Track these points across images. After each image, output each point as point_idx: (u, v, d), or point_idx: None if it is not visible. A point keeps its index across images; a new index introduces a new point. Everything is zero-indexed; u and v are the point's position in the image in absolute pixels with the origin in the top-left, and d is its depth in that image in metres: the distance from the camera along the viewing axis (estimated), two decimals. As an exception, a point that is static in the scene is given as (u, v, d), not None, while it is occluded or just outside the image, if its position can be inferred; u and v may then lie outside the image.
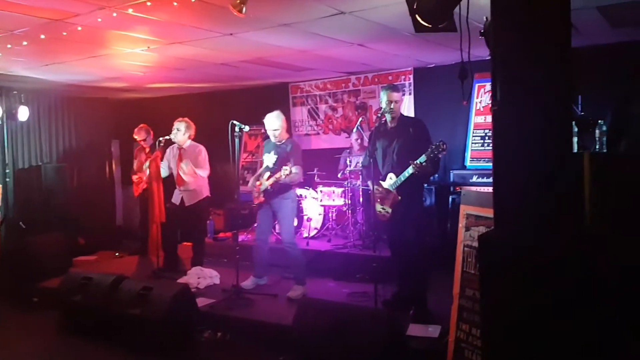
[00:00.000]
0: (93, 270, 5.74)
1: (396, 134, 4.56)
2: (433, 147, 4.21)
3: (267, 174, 5.23)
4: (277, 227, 6.05)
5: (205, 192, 6.19)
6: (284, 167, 4.90)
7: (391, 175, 4.50)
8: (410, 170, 4.30)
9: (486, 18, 2.70)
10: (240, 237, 6.31)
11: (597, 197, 3.56)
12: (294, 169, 4.96)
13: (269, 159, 5.28)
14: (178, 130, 6.04)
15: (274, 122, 5.24)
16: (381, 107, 4.60)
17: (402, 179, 4.38)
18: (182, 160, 6.02)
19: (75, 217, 8.09)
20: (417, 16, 2.66)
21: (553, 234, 2.33)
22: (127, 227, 9.51)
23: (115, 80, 7.52)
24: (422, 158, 4.22)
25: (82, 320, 4.86)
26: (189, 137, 6.13)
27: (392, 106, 4.50)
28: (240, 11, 3.47)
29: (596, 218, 3.40)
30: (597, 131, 3.92)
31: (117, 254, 7.55)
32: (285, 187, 5.20)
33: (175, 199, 6.17)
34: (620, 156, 5.19)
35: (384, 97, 4.52)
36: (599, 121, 4.04)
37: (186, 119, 6.16)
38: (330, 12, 4.27)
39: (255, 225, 5.67)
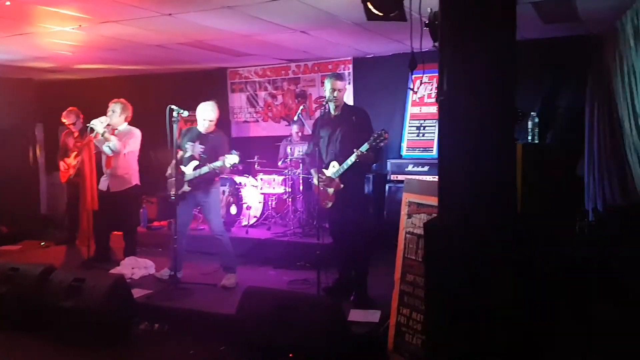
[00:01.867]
0: (18, 260, 5.42)
1: (339, 123, 4.58)
2: (375, 135, 4.28)
3: (194, 163, 5.06)
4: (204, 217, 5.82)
5: (135, 180, 5.88)
6: (226, 157, 4.76)
7: (334, 163, 4.52)
8: (353, 158, 4.34)
9: (431, 9, 2.76)
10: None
11: (527, 185, 3.75)
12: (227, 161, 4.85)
13: (194, 148, 5.09)
14: (113, 112, 5.69)
15: (209, 112, 5.05)
16: (324, 96, 4.60)
17: (345, 167, 4.42)
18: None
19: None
20: (369, 4, 2.66)
21: (491, 222, 2.41)
22: (52, 215, 9.04)
23: (40, 60, 7.10)
24: (365, 146, 4.27)
25: (9, 314, 4.56)
26: (125, 120, 5.82)
27: (335, 94, 4.50)
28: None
29: (526, 205, 3.58)
30: (529, 122, 4.13)
31: (42, 243, 7.15)
32: (210, 179, 5.06)
33: (102, 185, 5.86)
34: (549, 147, 5.49)
35: (327, 85, 4.52)
36: (531, 113, 4.25)
37: (122, 100, 5.84)
38: (275, -5, 4.22)
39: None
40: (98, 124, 5.44)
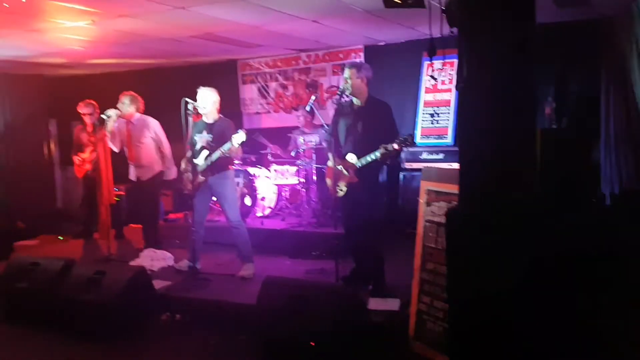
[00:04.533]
0: (36, 255, 5.47)
1: (362, 115, 4.47)
2: (402, 139, 4.16)
3: (205, 152, 5.07)
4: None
5: (157, 166, 6.02)
6: (233, 137, 4.79)
7: (351, 155, 4.43)
8: (377, 153, 4.23)
9: (447, -5, 2.74)
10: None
11: (546, 169, 3.74)
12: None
13: (202, 138, 5.11)
14: (123, 103, 5.86)
15: (210, 95, 5.04)
16: (336, 85, 4.54)
17: (364, 162, 4.33)
18: (131, 135, 5.87)
19: (14, 200, 7.69)
20: (387, -8, 2.65)
21: (512, 209, 2.40)
22: (67, 209, 9.13)
23: (53, 56, 7.13)
24: (393, 146, 4.16)
25: (29, 308, 4.62)
26: (137, 110, 5.94)
27: (349, 83, 4.43)
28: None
29: (545, 189, 3.56)
30: (547, 108, 4.11)
31: (60, 237, 7.23)
32: (223, 167, 5.09)
33: (132, 175, 6.03)
34: (566, 132, 5.46)
35: (347, 74, 4.45)
36: (548, 98, 4.24)
37: (131, 92, 5.97)
38: (288, -14, 4.20)
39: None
40: (112, 112, 5.64)
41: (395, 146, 4.18)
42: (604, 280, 3.73)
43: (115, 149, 5.98)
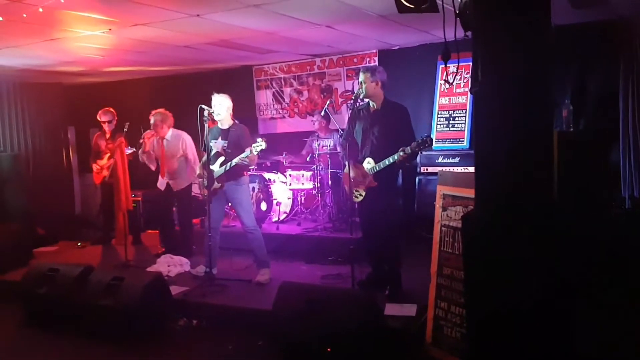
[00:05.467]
0: (56, 261, 5.55)
1: (379, 119, 4.47)
2: (420, 140, 4.14)
3: (221, 159, 5.11)
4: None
5: (191, 177, 6.12)
6: (253, 146, 4.82)
7: (369, 159, 4.44)
8: (395, 157, 4.22)
9: (461, -1, 2.72)
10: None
11: (564, 172, 3.69)
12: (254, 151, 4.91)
13: (217, 144, 5.15)
14: (156, 124, 5.94)
15: (224, 101, 5.09)
16: (350, 90, 4.56)
17: (382, 165, 4.33)
18: (165, 151, 5.97)
19: (33, 207, 7.79)
20: (400, -3, 2.65)
21: (528, 213, 2.37)
22: (86, 215, 9.23)
23: (70, 65, 7.22)
24: (409, 149, 4.15)
25: (49, 314, 4.68)
26: (169, 127, 6.03)
27: (364, 86, 4.43)
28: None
29: (562, 193, 3.52)
30: (564, 110, 4.06)
31: (79, 243, 7.32)
32: (238, 173, 5.12)
33: (160, 184, 6.11)
34: (583, 134, 5.40)
35: (361, 78, 4.45)
36: (565, 100, 4.19)
37: (161, 109, 6.05)
38: (302, -8, 4.21)
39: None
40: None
41: (410, 150, 4.16)
42: (624, 286, 3.68)
43: (152, 168, 6.09)
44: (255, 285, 5.07)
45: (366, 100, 4.55)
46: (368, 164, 4.46)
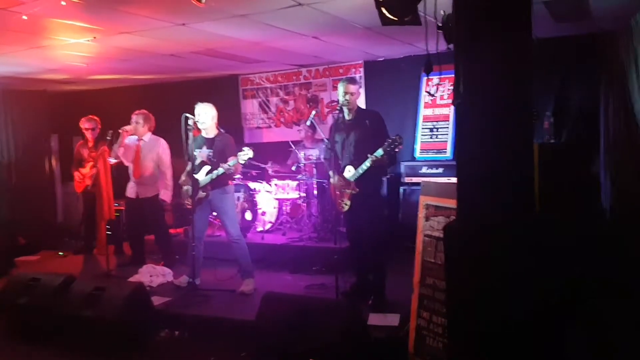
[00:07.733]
0: (37, 270, 5.48)
1: (353, 127, 4.60)
2: (389, 141, 4.29)
3: (206, 168, 5.10)
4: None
5: (159, 185, 6.05)
6: (239, 155, 4.82)
7: (349, 168, 4.55)
8: (368, 163, 4.37)
9: (444, 12, 2.76)
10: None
11: (545, 184, 3.73)
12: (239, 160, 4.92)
13: (202, 153, 5.15)
14: (137, 123, 5.93)
15: (208, 110, 5.10)
16: (337, 100, 4.62)
17: (360, 171, 4.44)
18: (140, 153, 5.92)
19: (15, 216, 7.69)
20: (383, 9, 2.68)
21: (509, 224, 2.40)
22: (68, 224, 9.12)
23: (55, 72, 7.18)
24: (380, 152, 4.29)
25: (30, 324, 4.61)
26: (149, 130, 6.01)
27: (347, 98, 4.52)
28: (199, 0, 3.38)
29: (544, 204, 3.55)
30: (545, 122, 4.12)
31: (60, 253, 7.23)
32: (223, 182, 5.11)
33: (130, 192, 6.06)
34: (564, 146, 5.46)
35: (340, 89, 4.54)
36: (546, 113, 4.25)
37: (144, 111, 6.05)
38: (288, 3, 4.23)
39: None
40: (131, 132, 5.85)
41: (381, 152, 4.27)
42: (608, 297, 3.72)
43: (126, 163, 6.03)
44: (239, 296, 5.04)
45: (343, 111, 4.62)
46: (349, 172, 4.56)
